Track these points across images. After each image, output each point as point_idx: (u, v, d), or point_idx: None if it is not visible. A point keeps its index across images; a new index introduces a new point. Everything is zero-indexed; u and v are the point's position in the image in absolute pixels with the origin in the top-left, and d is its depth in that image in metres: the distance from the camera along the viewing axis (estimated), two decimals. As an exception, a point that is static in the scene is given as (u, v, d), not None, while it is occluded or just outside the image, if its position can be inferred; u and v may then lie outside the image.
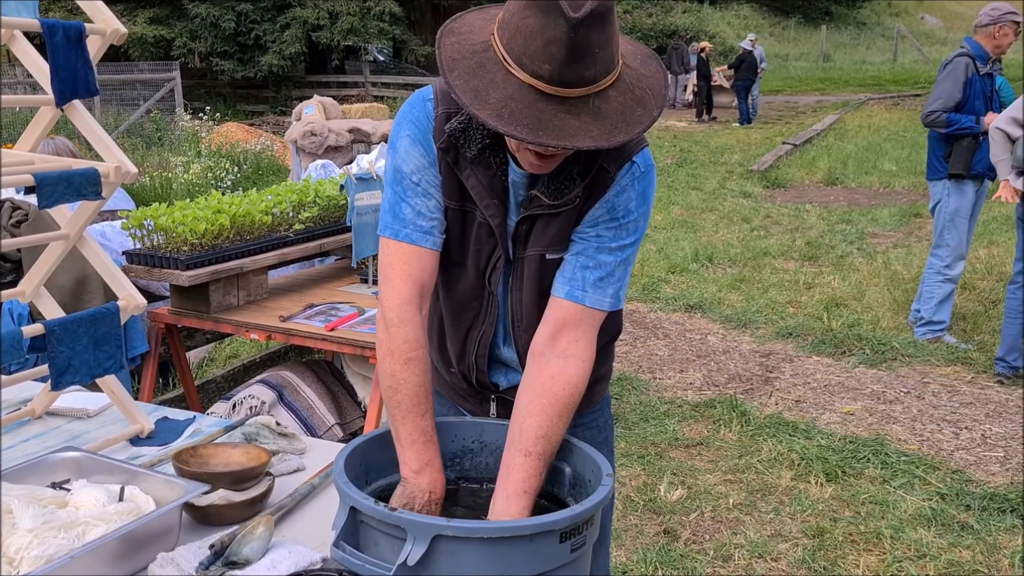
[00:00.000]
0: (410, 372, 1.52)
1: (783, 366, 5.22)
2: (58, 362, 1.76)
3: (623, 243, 1.56)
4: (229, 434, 1.90)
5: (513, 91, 1.31)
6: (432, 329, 1.81)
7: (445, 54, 1.39)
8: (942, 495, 3.65)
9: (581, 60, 1.29)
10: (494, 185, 1.54)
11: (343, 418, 3.53)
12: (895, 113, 18.36)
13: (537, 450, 1.48)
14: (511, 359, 1.72)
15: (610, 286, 1.56)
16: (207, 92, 20.39)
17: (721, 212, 9.85)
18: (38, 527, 1.33)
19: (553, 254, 1.57)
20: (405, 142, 1.57)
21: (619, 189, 1.54)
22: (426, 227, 1.56)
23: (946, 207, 5.29)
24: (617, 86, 1.36)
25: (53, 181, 1.69)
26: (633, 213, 1.56)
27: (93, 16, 1.82)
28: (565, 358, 1.52)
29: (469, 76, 1.35)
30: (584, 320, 1.55)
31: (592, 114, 1.32)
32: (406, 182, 1.56)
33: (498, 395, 1.77)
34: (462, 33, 1.42)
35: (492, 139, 1.51)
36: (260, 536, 1.45)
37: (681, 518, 3.48)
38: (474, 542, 1.28)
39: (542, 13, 1.27)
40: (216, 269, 3.30)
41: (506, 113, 1.30)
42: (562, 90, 1.30)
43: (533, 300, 1.61)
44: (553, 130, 1.29)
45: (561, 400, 1.50)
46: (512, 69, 1.32)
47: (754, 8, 33.26)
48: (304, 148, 5.22)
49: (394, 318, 1.53)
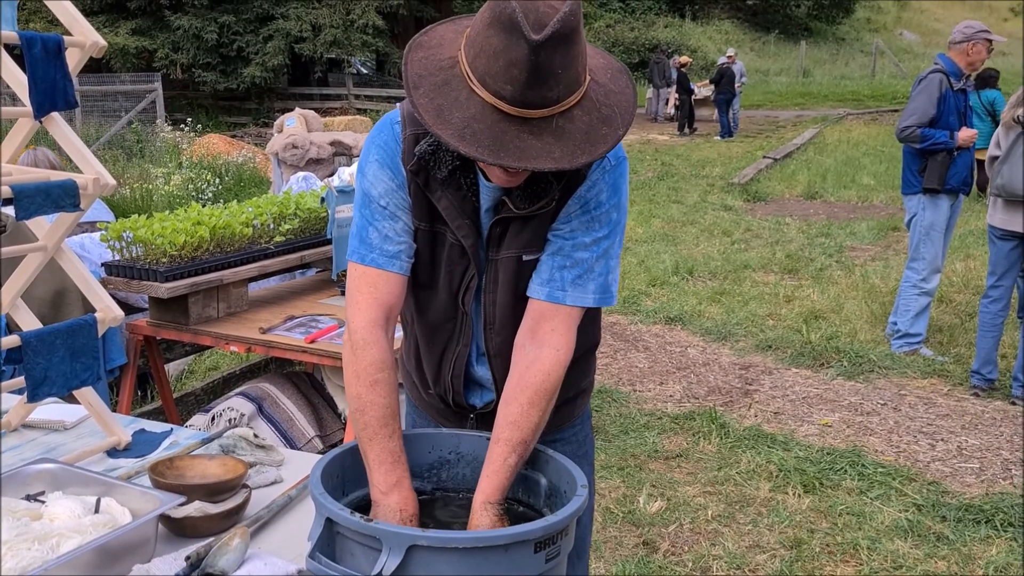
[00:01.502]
0: (375, 394, 1.52)
1: (762, 378, 5.26)
2: (34, 374, 1.75)
3: (596, 236, 1.56)
4: (206, 446, 1.90)
5: (476, 111, 1.32)
6: (409, 351, 1.83)
7: (411, 70, 1.39)
8: (918, 506, 3.69)
9: (544, 82, 1.29)
10: (465, 206, 1.55)
11: (323, 430, 3.53)
12: (873, 128, 18.55)
13: (504, 436, 1.49)
14: (485, 378, 1.72)
15: (590, 282, 1.56)
16: (189, 103, 20.34)
17: (702, 225, 9.91)
18: (11, 539, 1.33)
19: (529, 255, 1.57)
20: (373, 166, 1.58)
21: (590, 184, 1.54)
22: (392, 251, 1.57)
23: (921, 221, 5.36)
24: (583, 104, 1.36)
25: (31, 193, 1.70)
26: (604, 205, 1.55)
27: (72, 28, 1.83)
28: (540, 347, 1.54)
29: (434, 94, 1.36)
30: (561, 313, 1.55)
31: (555, 135, 1.32)
32: (374, 206, 1.57)
33: (476, 414, 1.78)
34: (431, 47, 1.42)
35: (462, 160, 1.51)
36: (236, 548, 1.45)
37: (660, 530, 3.49)
38: (448, 552, 1.29)
39: (505, 33, 1.28)
40: (195, 281, 3.30)
41: (468, 134, 1.31)
42: (524, 111, 1.31)
43: (508, 302, 1.61)
44: (514, 151, 1.30)
45: (532, 387, 1.51)
46: (476, 88, 1.33)
47: (735, 23, 33.55)
48: (285, 160, 5.22)
49: (359, 340, 1.54)
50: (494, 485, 1.48)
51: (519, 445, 1.49)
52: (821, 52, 32.92)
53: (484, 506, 1.47)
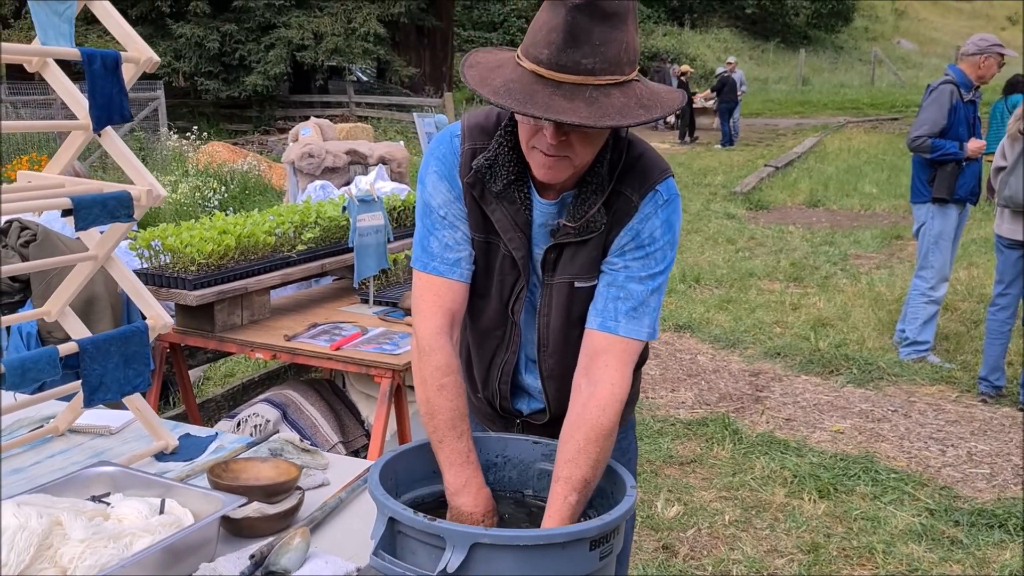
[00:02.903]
0: (443, 398, 1.58)
1: (772, 385, 5.31)
2: (91, 379, 1.80)
3: (652, 271, 1.59)
4: (254, 449, 1.95)
5: (515, 76, 1.41)
6: (461, 356, 1.88)
7: (472, 58, 1.51)
8: (931, 511, 3.74)
9: (578, 47, 1.36)
10: (518, 219, 1.60)
11: (346, 436, 3.57)
12: (874, 136, 18.66)
13: (564, 474, 1.51)
14: (533, 386, 1.77)
15: (645, 316, 1.59)
16: (190, 111, 20.37)
17: (706, 233, 9.98)
18: (89, 537, 1.38)
19: (582, 282, 1.61)
20: (432, 178, 1.65)
21: (643, 216, 1.58)
22: (452, 259, 1.63)
23: (930, 230, 5.42)
24: (624, 89, 1.40)
25: (89, 204, 1.75)
26: (659, 241, 1.59)
27: (127, 45, 1.88)
28: (595, 384, 1.55)
29: (485, 72, 1.46)
30: (615, 347, 1.57)
31: (587, 102, 1.37)
32: (434, 216, 1.64)
33: (523, 419, 1.83)
34: (491, 53, 1.54)
35: (517, 175, 1.57)
36: (297, 547, 1.50)
37: (679, 534, 3.54)
38: (510, 549, 1.34)
39: (551, 8, 1.38)
40: (222, 289, 3.34)
41: (503, 91, 1.39)
42: (558, 75, 1.37)
43: (560, 326, 1.66)
44: (542, 105, 1.36)
45: (588, 423, 1.52)
46: (520, 61, 1.43)
47: (734, 32, 33.73)
48: (302, 169, 5.28)
49: (425, 346, 1.60)
50: (555, 524, 1.50)
51: (579, 483, 1.50)
52: (820, 60, 33.10)
53: None
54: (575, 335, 1.64)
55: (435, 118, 5.43)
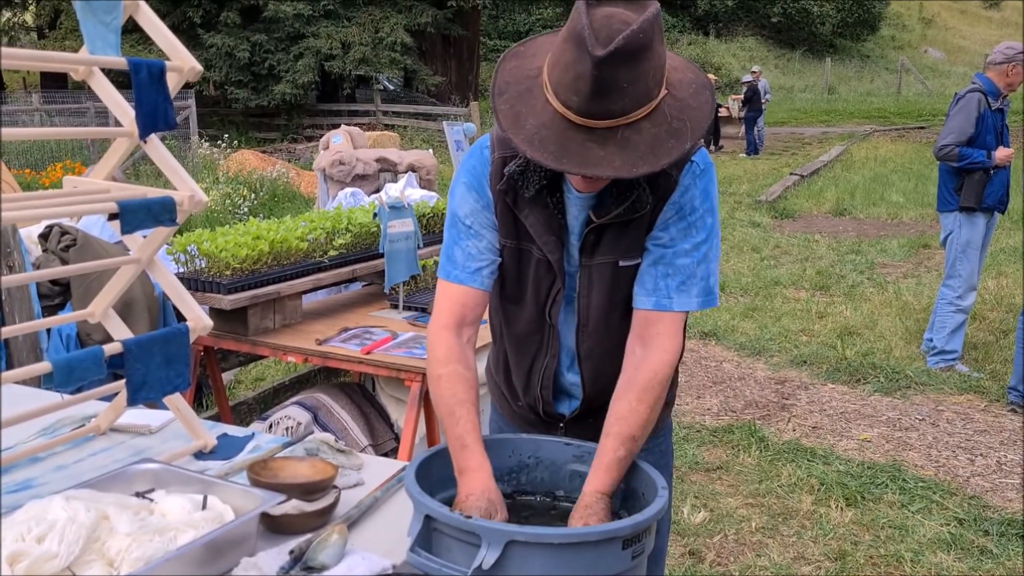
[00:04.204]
0: (439, 387, 1.65)
1: (799, 393, 5.30)
2: (134, 379, 1.85)
3: (696, 241, 1.63)
4: (291, 449, 2.00)
5: (547, 119, 1.41)
6: (499, 364, 1.91)
7: (500, 78, 1.50)
8: (960, 520, 3.72)
9: (606, 95, 1.36)
10: (552, 223, 1.64)
11: (375, 439, 3.62)
12: (900, 145, 18.53)
13: (614, 430, 1.57)
14: (574, 383, 1.80)
15: (694, 286, 1.63)
16: (220, 120, 20.62)
17: (731, 242, 9.96)
18: (135, 531, 1.42)
19: (627, 261, 1.65)
20: (461, 188, 1.70)
21: (683, 189, 1.62)
22: (473, 268, 1.69)
23: (958, 239, 5.40)
24: (652, 117, 1.42)
25: (134, 208, 1.80)
26: (698, 210, 1.63)
27: (171, 54, 1.94)
28: (648, 348, 1.62)
29: (514, 101, 1.46)
30: (666, 318, 1.63)
31: (619, 144, 1.39)
32: (460, 226, 1.70)
33: (566, 422, 1.85)
34: (525, 57, 1.53)
35: (549, 180, 1.61)
36: (335, 543, 1.54)
37: (705, 540, 3.55)
38: (544, 547, 1.37)
39: (575, 47, 1.36)
40: (256, 293, 3.40)
41: (536, 140, 1.41)
42: (589, 121, 1.39)
43: (602, 305, 1.69)
44: (577, 158, 1.38)
45: (640, 383, 1.58)
46: (550, 97, 1.43)
47: (759, 40, 33.62)
48: (332, 176, 5.35)
49: (429, 342, 1.69)
50: (604, 477, 1.54)
51: (628, 439, 1.56)
52: (846, 69, 32.89)
53: (597, 497, 1.54)
54: (616, 317, 1.69)
55: (463, 126, 5.49)
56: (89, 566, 1.38)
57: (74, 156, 10.95)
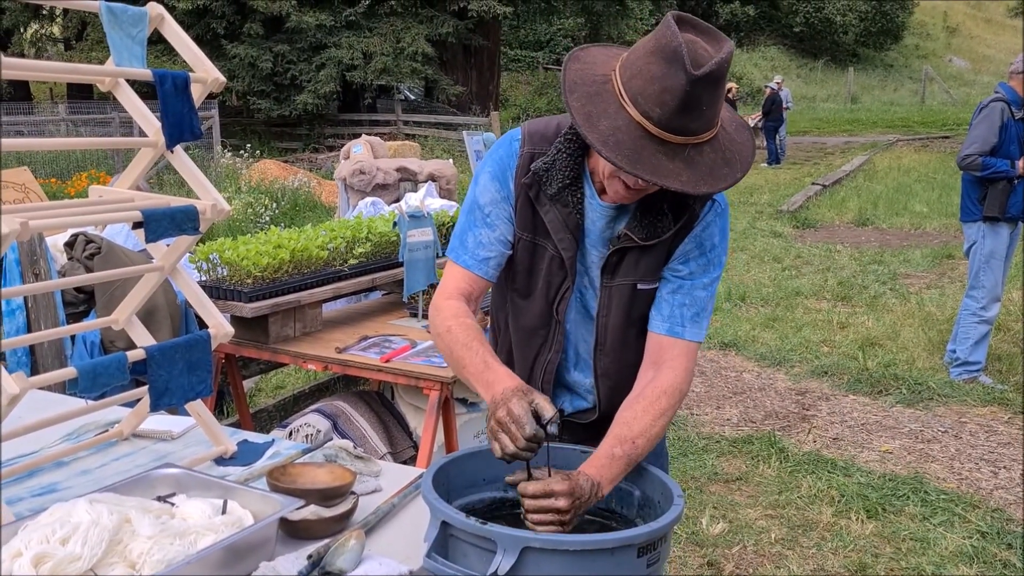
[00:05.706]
0: (453, 333, 1.68)
1: (819, 404, 5.27)
2: (157, 385, 1.88)
3: (712, 276, 1.71)
4: (310, 455, 2.02)
5: (622, 124, 1.46)
6: (501, 357, 1.94)
7: (568, 77, 1.55)
8: (983, 533, 3.69)
9: (690, 113, 1.43)
10: (569, 221, 1.69)
11: (394, 447, 3.63)
12: (924, 155, 18.39)
13: (615, 432, 1.60)
14: (580, 382, 1.84)
15: (704, 319, 1.71)
16: (243, 130, 20.81)
17: (752, 252, 9.93)
18: (156, 534, 1.44)
19: (645, 284, 1.71)
20: (485, 176, 1.76)
21: (704, 224, 1.68)
22: (482, 256, 1.75)
23: (981, 249, 5.35)
24: (712, 143, 1.50)
25: (158, 217, 1.83)
26: (717, 248, 1.70)
27: (195, 66, 1.97)
28: (659, 370, 1.67)
29: (585, 101, 1.51)
30: (680, 347, 1.69)
31: (685, 162, 1.46)
32: (478, 213, 1.75)
33: (565, 419, 1.88)
34: (586, 62, 1.58)
35: (572, 180, 1.66)
36: (352, 548, 1.56)
37: (724, 551, 3.54)
38: (559, 554, 1.38)
39: (665, 63, 1.42)
40: (277, 302, 3.44)
41: (612, 142, 1.45)
42: (665, 134, 1.44)
43: (620, 325, 1.75)
44: (649, 166, 1.43)
45: (647, 397, 1.63)
46: (626, 104, 1.47)
47: (781, 50, 33.54)
48: (353, 186, 5.39)
49: (441, 303, 1.74)
50: (596, 465, 1.55)
51: (626, 441, 1.58)
52: (869, 78, 32.73)
53: (585, 477, 1.52)
54: (633, 334, 1.74)
55: (483, 136, 5.51)
56: (111, 568, 1.40)
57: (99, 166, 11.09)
